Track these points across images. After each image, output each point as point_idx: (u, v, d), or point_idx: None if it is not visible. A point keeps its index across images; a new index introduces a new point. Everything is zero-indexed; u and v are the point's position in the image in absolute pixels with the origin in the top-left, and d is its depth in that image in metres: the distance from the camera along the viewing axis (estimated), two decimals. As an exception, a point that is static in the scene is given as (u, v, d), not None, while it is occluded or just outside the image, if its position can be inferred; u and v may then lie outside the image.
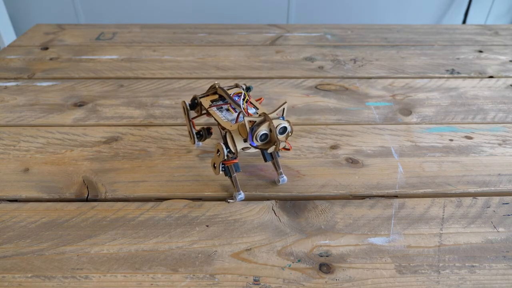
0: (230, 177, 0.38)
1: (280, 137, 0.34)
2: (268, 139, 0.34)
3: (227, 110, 0.39)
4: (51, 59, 0.68)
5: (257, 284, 0.31)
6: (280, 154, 0.41)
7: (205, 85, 0.60)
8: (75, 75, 0.63)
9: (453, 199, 0.39)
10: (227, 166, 0.38)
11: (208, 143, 0.46)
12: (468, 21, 1.55)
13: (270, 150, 0.34)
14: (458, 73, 0.65)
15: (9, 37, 1.44)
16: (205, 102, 0.41)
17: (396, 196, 0.39)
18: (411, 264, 0.32)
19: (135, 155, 0.45)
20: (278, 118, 0.34)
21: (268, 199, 0.39)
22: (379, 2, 1.50)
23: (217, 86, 0.41)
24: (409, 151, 0.46)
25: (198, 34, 0.80)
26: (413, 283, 0.31)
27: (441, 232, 0.35)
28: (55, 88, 0.59)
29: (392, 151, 0.46)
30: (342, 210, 0.37)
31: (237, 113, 0.38)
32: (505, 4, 1.56)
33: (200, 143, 0.45)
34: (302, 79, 0.62)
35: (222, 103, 0.40)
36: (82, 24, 0.85)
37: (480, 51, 0.73)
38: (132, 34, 0.80)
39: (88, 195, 0.39)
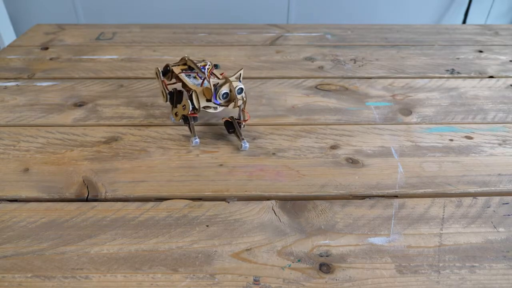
0: (188, 124, 0.46)
1: (238, 96, 0.42)
2: (229, 98, 0.43)
3: (194, 77, 0.47)
4: (51, 59, 0.68)
5: (257, 284, 0.31)
6: (243, 125, 0.48)
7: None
8: (75, 75, 0.63)
9: (453, 199, 0.39)
10: (187, 116, 0.46)
11: (208, 143, 0.46)
12: (468, 21, 1.55)
13: (230, 106, 0.43)
14: (458, 73, 0.65)
15: (9, 37, 1.44)
16: (176, 69, 0.49)
17: (396, 196, 0.39)
18: (411, 264, 0.32)
19: (135, 155, 0.45)
20: (237, 81, 0.42)
21: (268, 199, 0.39)
22: (379, 2, 1.50)
23: (187, 58, 0.50)
24: (409, 151, 0.46)
25: (198, 34, 0.80)
26: (413, 283, 0.31)
27: (441, 232, 0.35)
28: (55, 88, 0.59)
29: (392, 151, 0.46)
30: (342, 210, 0.37)
31: (202, 79, 0.46)
32: (505, 4, 1.56)
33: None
34: (302, 79, 0.62)
35: (190, 71, 0.49)
36: (82, 24, 0.85)
37: (480, 51, 0.73)
38: (132, 34, 0.80)
39: (88, 195, 0.39)
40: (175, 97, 0.49)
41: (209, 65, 0.47)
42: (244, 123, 0.47)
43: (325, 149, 0.46)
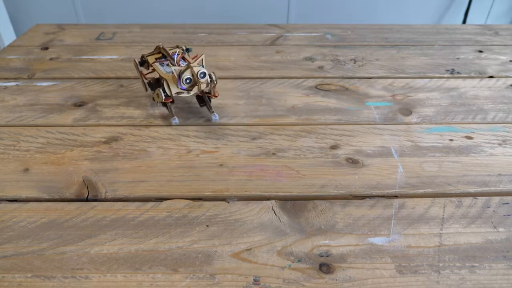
0: (166, 106, 0.50)
1: (202, 80, 0.45)
2: (192, 82, 0.46)
3: (167, 65, 0.50)
4: (51, 59, 0.68)
5: (257, 284, 0.31)
6: (211, 99, 0.52)
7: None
8: (75, 75, 0.63)
9: (453, 199, 0.39)
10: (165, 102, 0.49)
11: (208, 143, 0.46)
12: (468, 21, 1.55)
13: (195, 90, 0.47)
14: (458, 73, 0.65)
15: (9, 37, 1.44)
16: (151, 59, 0.52)
17: (396, 196, 0.39)
18: (411, 264, 0.32)
19: (135, 155, 0.45)
20: (198, 66, 0.45)
21: (268, 199, 0.39)
22: (379, 2, 1.50)
23: (160, 46, 0.52)
24: (409, 151, 0.46)
25: (198, 34, 0.80)
26: (413, 283, 0.31)
27: (441, 232, 0.35)
28: (55, 88, 0.59)
29: (392, 151, 0.46)
30: (342, 210, 0.37)
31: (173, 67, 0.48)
32: (505, 4, 1.56)
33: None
34: (302, 79, 0.62)
35: (163, 59, 0.51)
36: (82, 24, 0.85)
37: (480, 51, 0.73)
38: (132, 34, 0.80)
39: (88, 195, 0.39)
40: (154, 86, 0.53)
41: (179, 52, 0.50)
42: (213, 98, 0.52)
43: (325, 149, 0.46)
